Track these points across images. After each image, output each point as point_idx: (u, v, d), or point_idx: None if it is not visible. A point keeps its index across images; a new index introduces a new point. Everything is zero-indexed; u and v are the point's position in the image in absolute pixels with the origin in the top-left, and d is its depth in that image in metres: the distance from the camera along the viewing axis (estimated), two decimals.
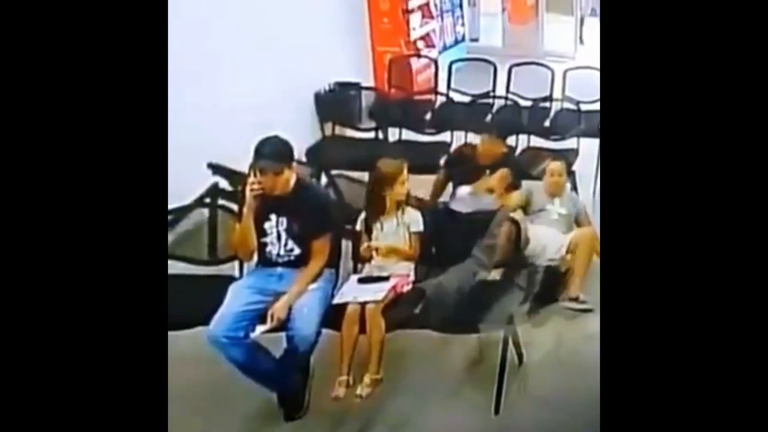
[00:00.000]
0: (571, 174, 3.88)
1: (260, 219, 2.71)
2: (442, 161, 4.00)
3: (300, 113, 4.74)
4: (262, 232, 2.73)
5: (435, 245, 3.06)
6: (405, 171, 2.95)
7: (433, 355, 3.00)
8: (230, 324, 2.52)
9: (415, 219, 2.92)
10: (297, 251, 2.75)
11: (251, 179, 2.63)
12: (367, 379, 2.60)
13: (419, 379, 2.91)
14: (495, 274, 3.01)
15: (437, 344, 2.93)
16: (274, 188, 2.65)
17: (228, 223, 2.97)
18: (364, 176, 3.32)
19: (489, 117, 4.71)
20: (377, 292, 2.73)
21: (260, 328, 2.55)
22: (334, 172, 3.66)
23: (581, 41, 7.38)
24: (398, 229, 2.93)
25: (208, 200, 3.32)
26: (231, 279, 2.85)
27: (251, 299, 2.64)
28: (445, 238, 3.09)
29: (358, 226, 2.96)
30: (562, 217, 3.56)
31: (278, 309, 2.59)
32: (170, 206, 3.13)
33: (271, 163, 2.61)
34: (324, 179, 3.65)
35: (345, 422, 2.69)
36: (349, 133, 4.90)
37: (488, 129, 3.88)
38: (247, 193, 2.64)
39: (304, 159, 4.11)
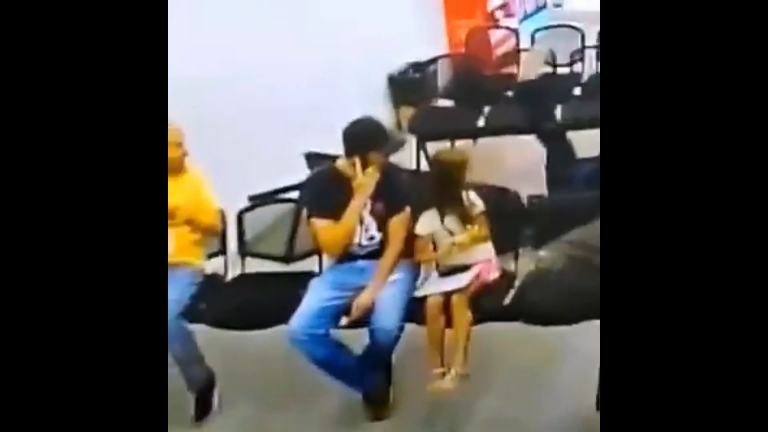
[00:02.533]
0: None
1: None
2: None
3: (373, 96, 4.63)
4: None
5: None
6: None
7: (525, 348, 2.83)
8: (310, 321, 2.48)
9: (475, 200, 2.73)
10: (378, 238, 2.67)
11: (366, 170, 2.55)
12: (451, 374, 2.48)
13: (510, 375, 2.77)
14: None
15: (528, 336, 2.73)
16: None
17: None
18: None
19: (578, 88, 4.41)
20: (461, 280, 2.60)
21: (344, 320, 2.52)
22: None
23: None
24: (467, 216, 2.72)
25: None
26: (311, 275, 2.80)
27: (332, 295, 2.58)
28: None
29: (422, 230, 2.70)
30: None
31: (364, 298, 2.53)
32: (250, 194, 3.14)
33: (383, 150, 2.59)
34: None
35: (434, 422, 2.60)
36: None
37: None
38: (362, 184, 2.56)
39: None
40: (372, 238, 2.67)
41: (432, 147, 3.86)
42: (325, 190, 2.71)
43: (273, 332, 2.57)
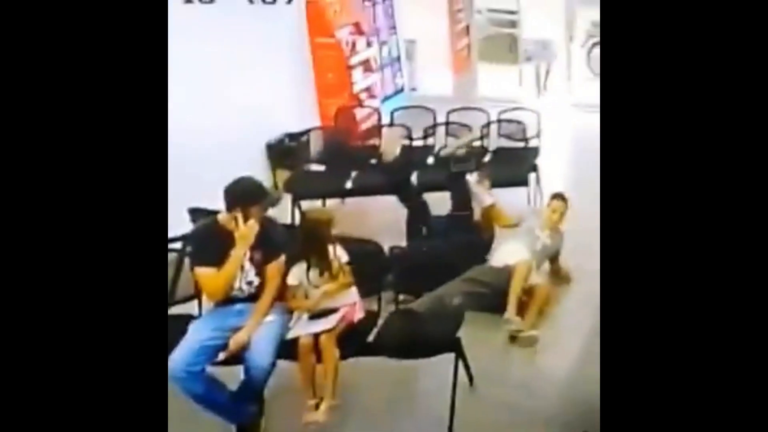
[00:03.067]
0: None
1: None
2: None
3: (253, 161, 4.92)
4: None
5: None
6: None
7: (387, 380, 3.12)
8: (189, 359, 2.60)
9: (340, 253, 2.99)
10: (256, 283, 2.85)
11: (247, 222, 2.72)
12: (323, 406, 2.72)
13: (374, 404, 3.02)
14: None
15: (391, 370, 3.04)
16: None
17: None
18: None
19: (431, 157, 5.01)
20: (329, 321, 2.85)
21: (221, 355, 2.66)
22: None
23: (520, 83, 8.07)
24: (331, 268, 2.96)
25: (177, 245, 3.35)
26: (191, 318, 2.93)
27: (210, 335, 2.72)
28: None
29: (292, 280, 2.93)
30: (545, 248, 3.88)
31: (240, 335, 2.69)
32: None
33: (262, 205, 2.79)
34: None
35: None
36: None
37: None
38: (243, 235, 2.72)
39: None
40: (250, 283, 2.85)
41: (305, 205, 4.21)
42: (207, 241, 2.85)
43: None
